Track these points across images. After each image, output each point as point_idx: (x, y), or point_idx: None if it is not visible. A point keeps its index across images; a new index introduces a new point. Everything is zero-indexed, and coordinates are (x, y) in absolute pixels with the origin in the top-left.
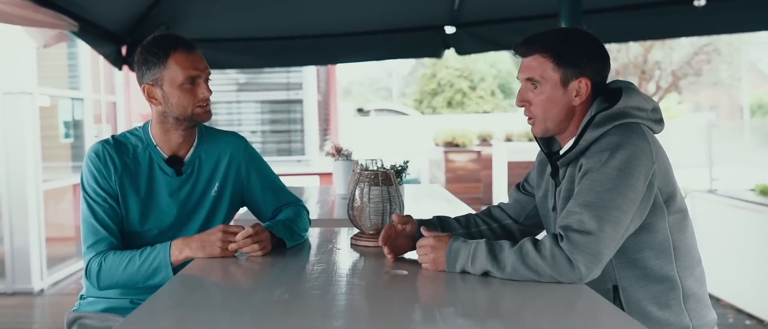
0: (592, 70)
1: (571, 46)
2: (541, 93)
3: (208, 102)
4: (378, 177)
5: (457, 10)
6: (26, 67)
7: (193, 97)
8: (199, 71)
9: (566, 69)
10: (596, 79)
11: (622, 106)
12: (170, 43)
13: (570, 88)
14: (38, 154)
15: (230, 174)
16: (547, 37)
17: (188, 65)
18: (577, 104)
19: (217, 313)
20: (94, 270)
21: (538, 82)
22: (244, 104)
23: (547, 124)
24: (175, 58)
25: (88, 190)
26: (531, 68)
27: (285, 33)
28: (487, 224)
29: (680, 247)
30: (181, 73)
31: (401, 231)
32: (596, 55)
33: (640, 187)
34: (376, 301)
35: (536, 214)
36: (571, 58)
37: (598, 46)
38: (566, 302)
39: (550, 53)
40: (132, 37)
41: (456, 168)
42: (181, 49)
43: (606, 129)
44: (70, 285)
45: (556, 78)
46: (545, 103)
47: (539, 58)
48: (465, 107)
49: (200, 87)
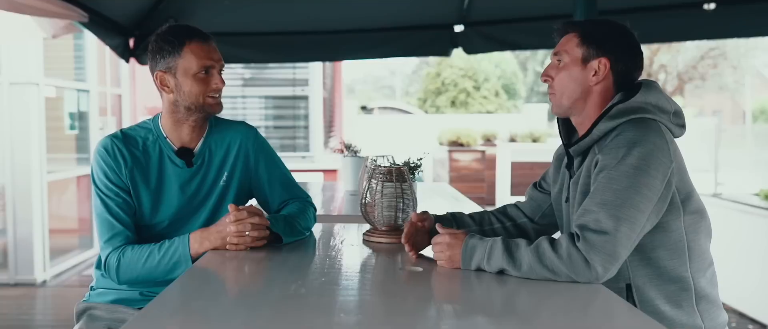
0: (615, 54)
1: (600, 29)
2: (563, 68)
3: (220, 93)
4: (392, 174)
5: (467, 8)
6: (33, 58)
7: (206, 86)
8: (214, 62)
9: (590, 47)
10: (618, 65)
11: (640, 100)
12: (186, 32)
13: (589, 66)
14: (43, 145)
15: (239, 163)
16: (583, 20)
17: (203, 55)
18: (593, 84)
19: (234, 307)
20: (113, 266)
21: (562, 56)
22: (249, 99)
23: (563, 100)
24: (191, 47)
25: (100, 186)
26: (561, 44)
27: (292, 28)
28: (501, 222)
29: (694, 248)
30: (195, 63)
31: (421, 228)
32: (625, 44)
33: (658, 186)
34: (392, 297)
35: (552, 213)
36: (597, 38)
37: (630, 38)
38: (582, 301)
39: (579, 30)
40: (140, 30)
41: (460, 167)
42: (197, 39)
43: (620, 122)
44: (73, 277)
45: (579, 54)
46: (564, 78)
47: (569, 35)
48: (469, 107)
49: (214, 77)
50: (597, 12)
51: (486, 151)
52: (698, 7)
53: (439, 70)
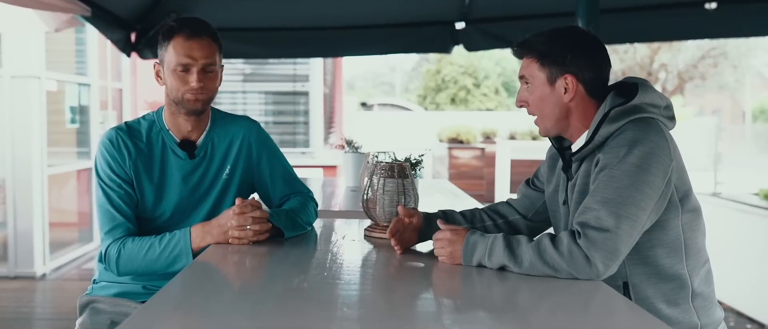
0: (578, 67)
1: (555, 45)
2: (532, 92)
3: (199, 91)
4: (394, 170)
5: (468, 5)
6: (35, 51)
7: (184, 83)
8: (192, 60)
9: (551, 67)
10: (584, 75)
11: (638, 101)
12: (176, 27)
13: (557, 85)
14: (44, 139)
15: (241, 156)
16: (536, 39)
17: (182, 51)
18: (568, 101)
19: (236, 301)
20: (113, 257)
21: (529, 80)
22: (249, 95)
23: (547, 124)
24: (174, 42)
25: (103, 177)
26: (523, 68)
27: (293, 24)
28: (493, 220)
29: (691, 246)
30: (174, 58)
31: (408, 225)
32: (583, 52)
33: (658, 184)
34: (393, 292)
35: (545, 210)
36: (555, 57)
37: (586, 42)
38: (583, 298)
39: (535, 53)
40: (141, 24)
41: (460, 164)
42: (181, 34)
43: (621, 124)
44: (72, 271)
45: (543, 77)
46: (537, 101)
47: (527, 58)
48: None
49: (191, 75)
50: (599, 10)
51: (485, 149)
52: (699, 7)
53: (439, 67)
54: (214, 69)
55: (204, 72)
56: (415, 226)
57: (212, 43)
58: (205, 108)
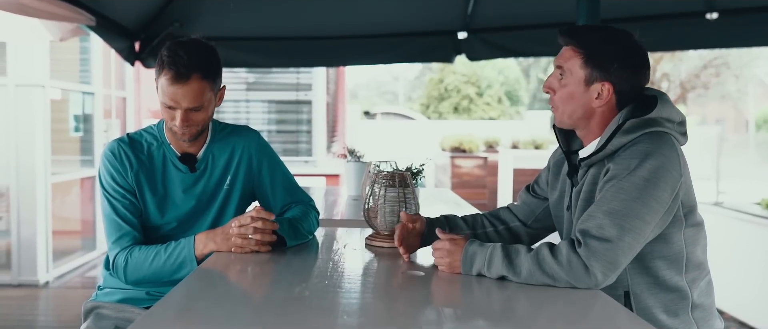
0: (620, 78)
1: (605, 49)
2: (565, 85)
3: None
4: (394, 179)
5: (470, 15)
6: (39, 60)
7: (171, 118)
8: (175, 103)
9: (593, 70)
10: (622, 87)
11: (655, 115)
12: (169, 60)
13: (592, 88)
14: (48, 147)
15: (242, 166)
16: (588, 33)
17: (166, 93)
18: (596, 106)
19: (238, 308)
20: (120, 266)
21: (565, 73)
22: (252, 103)
23: (565, 117)
24: (161, 79)
25: (107, 188)
26: (563, 57)
27: (296, 33)
28: (494, 226)
29: (692, 259)
30: (161, 94)
31: (412, 230)
32: (630, 64)
33: (665, 199)
34: (393, 301)
35: (545, 217)
36: (601, 61)
37: (636, 54)
38: (581, 307)
39: (583, 50)
40: (146, 34)
41: (462, 173)
42: (170, 75)
43: (635, 136)
44: (76, 279)
45: (582, 75)
46: (566, 96)
47: (573, 50)
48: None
49: (176, 115)
50: (600, 20)
51: (488, 158)
52: (701, 16)
53: (442, 76)
54: (202, 106)
55: (189, 111)
56: (418, 231)
57: (201, 81)
58: (195, 138)
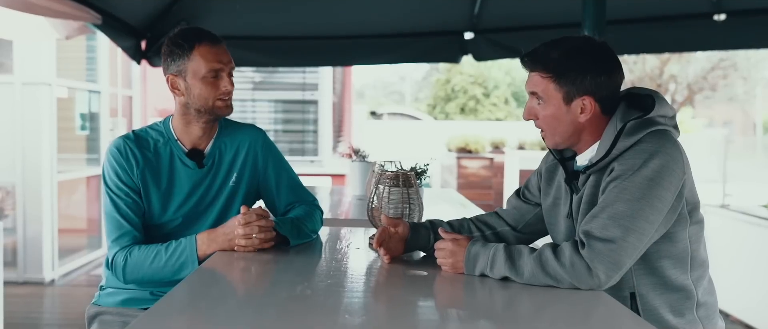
0: (597, 86)
1: (573, 65)
2: (545, 109)
3: (229, 95)
4: (399, 179)
5: (477, 15)
6: (46, 59)
7: (215, 89)
8: (223, 64)
9: (569, 88)
10: (602, 94)
11: (654, 114)
12: (196, 35)
13: (574, 105)
14: (54, 145)
15: (247, 164)
16: (549, 55)
17: (212, 58)
18: (583, 120)
19: (240, 307)
20: (120, 265)
21: (542, 98)
22: (258, 103)
23: (556, 139)
24: (200, 50)
25: (111, 185)
26: (534, 83)
27: (303, 33)
28: (481, 231)
29: (696, 258)
30: (204, 66)
31: (394, 234)
32: (602, 70)
33: (669, 198)
34: (396, 301)
35: (536, 222)
36: (573, 78)
37: (604, 58)
38: (584, 308)
39: (551, 72)
40: (152, 32)
41: (468, 174)
42: (206, 41)
43: (639, 137)
44: (81, 277)
45: (559, 96)
46: (550, 119)
47: (541, 75)
48: (478, 114)
49: (223, 80)
50: (606, 20)
51: (494, 158)
52: (708, 18)
53: (448, 77)
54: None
55: (230, 76)
56: (401, 236)
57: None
58: (231, 112)
